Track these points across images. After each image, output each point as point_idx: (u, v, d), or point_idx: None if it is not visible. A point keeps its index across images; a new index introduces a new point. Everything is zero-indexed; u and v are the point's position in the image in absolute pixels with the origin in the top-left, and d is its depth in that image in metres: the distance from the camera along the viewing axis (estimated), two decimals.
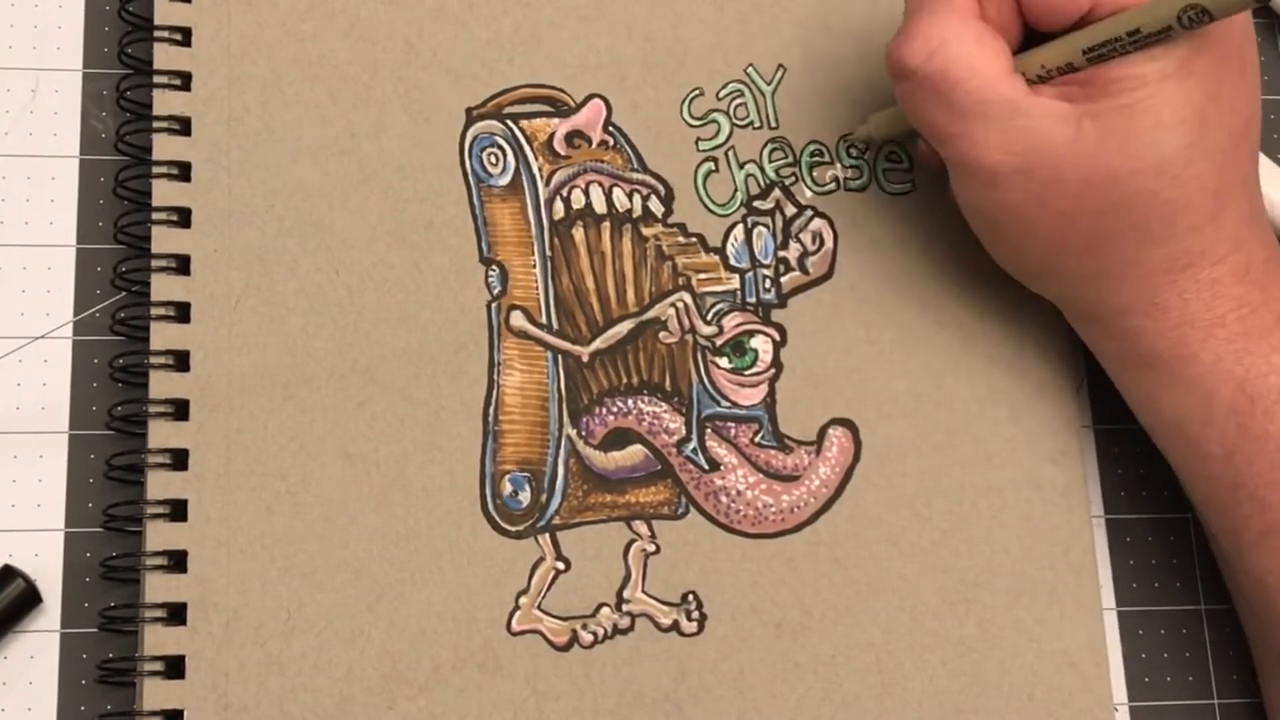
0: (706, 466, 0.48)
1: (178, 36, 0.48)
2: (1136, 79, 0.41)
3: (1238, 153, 0.43)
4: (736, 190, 0.50)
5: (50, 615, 0.45)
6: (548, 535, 0.47)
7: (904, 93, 0.44)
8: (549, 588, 0.46)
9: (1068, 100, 0.42)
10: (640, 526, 0.47)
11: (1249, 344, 0.43)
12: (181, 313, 0.46)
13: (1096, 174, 0.41)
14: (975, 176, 0.43)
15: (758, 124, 0.51)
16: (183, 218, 0.47)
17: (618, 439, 0.48)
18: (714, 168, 0.50)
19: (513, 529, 0.46)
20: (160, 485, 0.45)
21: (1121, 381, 0.46)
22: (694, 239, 0.50)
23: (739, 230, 0.50)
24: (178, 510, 0.45)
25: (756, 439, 0.48)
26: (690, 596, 0.47)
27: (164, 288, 0.46)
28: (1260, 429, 0.43)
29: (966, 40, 0.42)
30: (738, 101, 0.51)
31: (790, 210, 0.50)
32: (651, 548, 0.47)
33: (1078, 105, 0.41)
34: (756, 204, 0.50)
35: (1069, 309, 0.47)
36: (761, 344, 0.49)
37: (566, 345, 0.48)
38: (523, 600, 0.46)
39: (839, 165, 0.51)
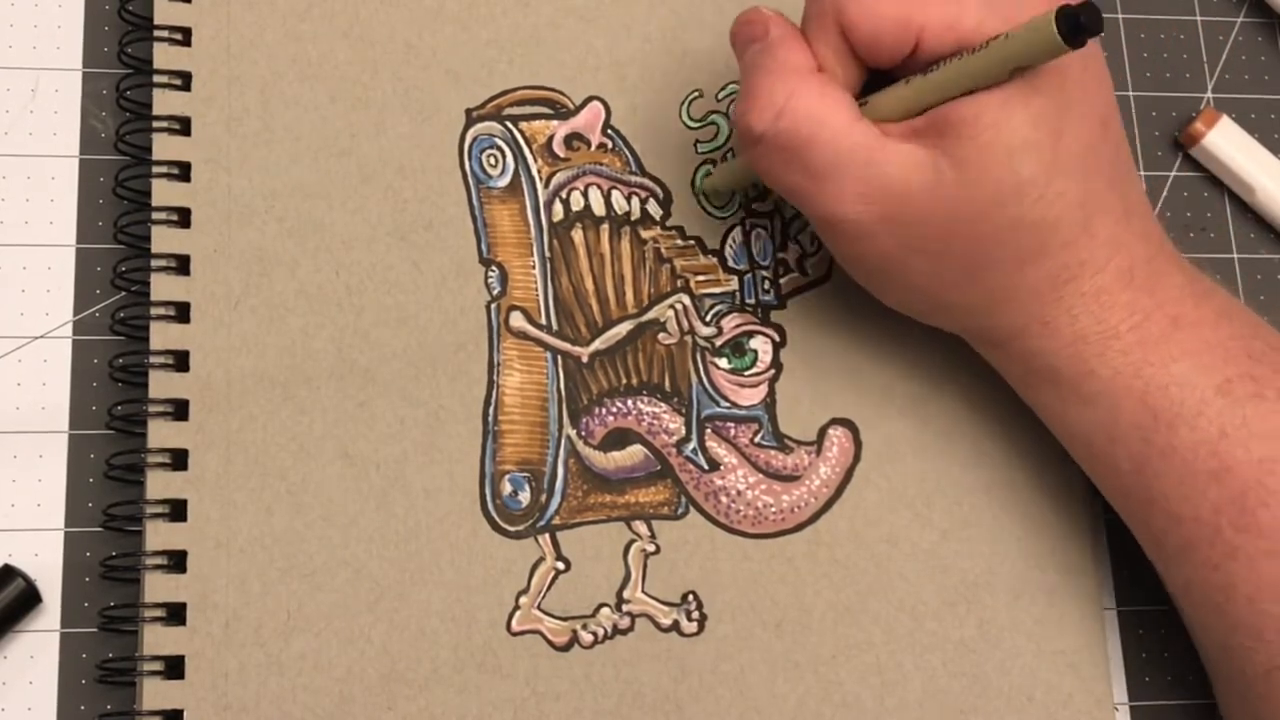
0: (706, 467, 0.48)
1: (178, 36, 0.48)
2: (981, 113, 0.40)
3: (1098, 157, 0.42)
4: (735, 193, 0.50)
5: (50, 615, 0.45)
6: (547, 535, 0.47)
7: (756, 158, 0.43)
8: (549, 588, 0.46)
9: (918, 140, 0.41)
10: (640, 527, 0.47)
11: (1146, 354, 0.42)
12: (181, 313, 0.46)
13: (961, 212, 0.41)
14: (841, 231, 0.43)
15: None
16: (183, 218, 0.47)
17: (617, 439, 0.48)
18: (713, 170, 0.50)
19: (512, 529, 0.46)
20: (160, 485, 0.45)
21: (1030, 401, 0.46)
22: (692, 241, 0.50)
23: (737, 232, 0.50)
24: (177, 510, 0.45)
25: (756, 439, 0.48)
26: (690, 596, 0.47)
27: (164, 288, 0.46)
28: (1165, 443, 0.42)
29: (810, 96, 0.41)
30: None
31: (789, 212, 0.50)
32: (651, 548, 0.47)
33: (930, 148, 0.41)
34: (755, 206, 0.50)
35: (969, 338, 0.46)
36: (761, 345, 0.49)
37: (566, 346, 0.48)
38: (523, 600, 0.46)
39: None
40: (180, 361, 0.46)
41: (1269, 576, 0.42)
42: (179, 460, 0.45)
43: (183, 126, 0.48)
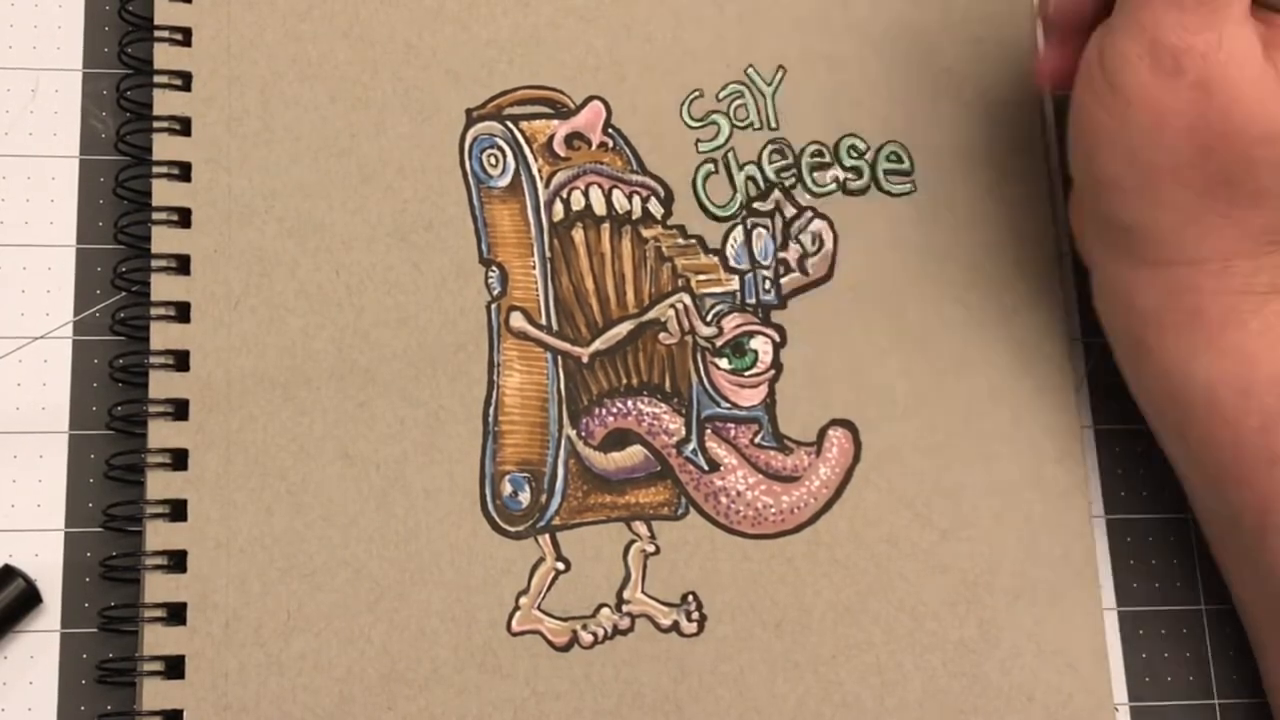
0: (706, 467, 0.48)
1: (178, 36, 0.48)
2: None
3: None
4: (736, 192, 0.50)
5: (50, 615, 0.45)
6: (548, 536, 0.47)
7: None
8: (549, 588, 0.46)
9: (1262, 40, 0.41)
10: (640, 527, 0.47)
11: None
12: (181, 313, 0.46)
13: (1259, 117, 0.41)
14: (1159, 60, 0.41)
15: (757, 125, 0.51)
16: (183, 218, 0.47)
17: (617, 440, 0.48)
18: (714, 169, 0.50)
19: (512, 529, 0.46)
20: (160, 485, 0.45)
21: (1152, 342, 0.45)
22: (693, 240, 0.50)
23: (738, 231, 0.50)
24: (177, 510, 0.45)
25: (756, 440, 0.48)
26: (690, 597, 0.47)
27: (164, 288, 0.46)
28: None
29: None
30: (737, 103, 0.51)
31: (790, 211, 0.50)
32: (651, 548, 0.47)
33: (1270, 47, 0.41)
34: (756, 205, 0.50)
35: (1131, 245, 0.44)
36: (761, 345, 0.49)
37: (566, 346, 0.48)
38: (523, 600, 0.46)
39: (839, 167, 0.51)
40: (180, 361, 0.46)
41: None
42: (179, 460, 0.45)
43: (183, 126, 0.48)
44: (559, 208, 0.49)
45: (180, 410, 0.46)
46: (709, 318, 0.49)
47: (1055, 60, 0.46)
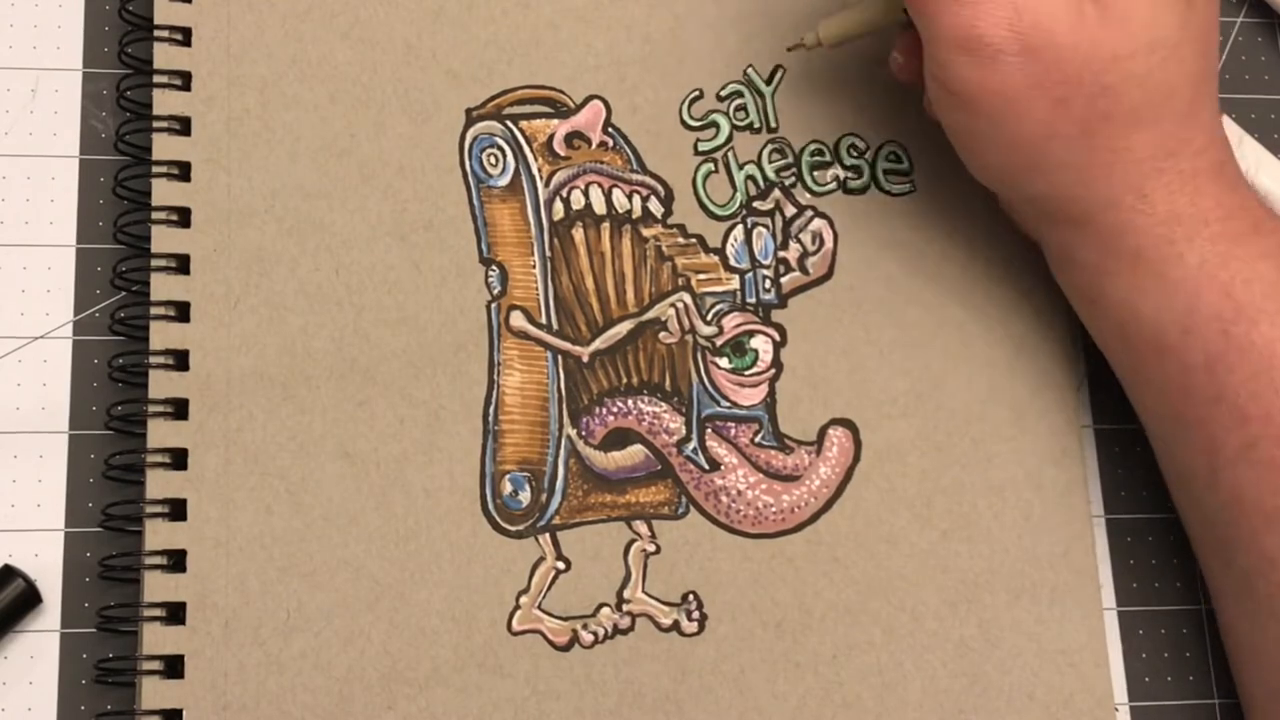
0: (706, 466, 0.48)
1: (178, 36, 0.48)
2: None
3: (1210, 43, 0.44)
4: (736, 191, 0.50)
5: (50, 615, 0.45)
6: (548, 535, 0.47)
7: None
8: (549, 588, 0.46)
9: None
10: (640, 526, 0.47)
11: (1233, 248, 0.43)
12: (181, 312, 0.46)
13: (1096, 56, 0.42)
14: (976, 55, 0.42)
15: (757, 125, 0.51)
16: (182, 217, 0.47)
17: (618, 439, 0.48)
18: (713, 169, 0.50)
19: (513, 529, 0.46)
20: (159, 485, 0.45)
21: (1100, 289, 0.45)
22: (694, 240, 0.50)
23: (739, 231, 0.50)
24: (177, 510, 0.45)
25: (756, 439, 0.48)
26: (690, 596, 0.47)
27: (164, 287, 0.46)
28: (1244, 337, 0.42)
29: None
30: (737, 102, 0.51)
31: (790, 211, 0.50)
32: (651, 548, 0.47)
33: None
34: (756, 205, 0.50)
35: (1048, 210, 0.46)
36: (761, 344, 0.49)
37: (566, 345, 0.48)
38: (523, 600, 0.46)
39: (839, 166, 0.51)
40: (180, 361, 0.46)
41: None
42: (178, 460, 0.45)
43: (183, 126, 0.48)
44: (559, 207, 0.49)
45: (180, 410, 0.46)
46: (709, 317, 0.49)
47: (909, 70, 0.47)
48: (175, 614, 0.44)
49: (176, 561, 0.45)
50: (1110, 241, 0.44)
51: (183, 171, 0.47)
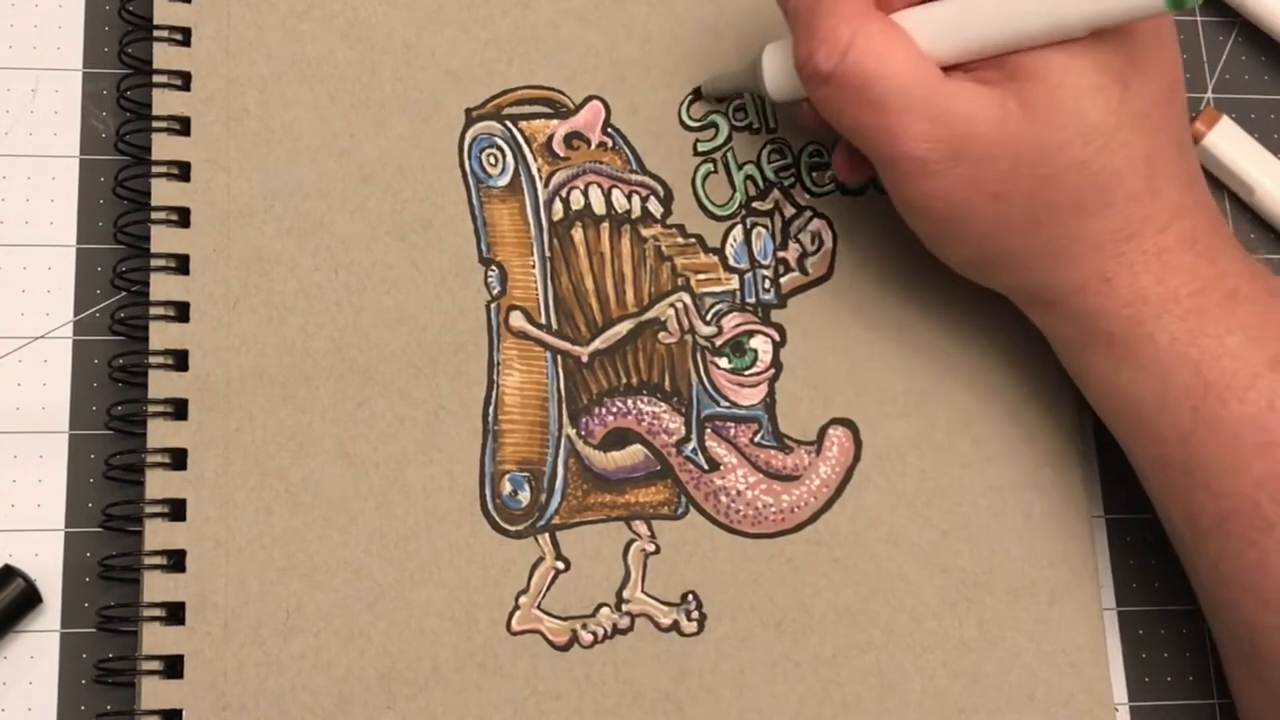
0: (706, 466, 0.48)
1: (178, 36, 0.48)
2: (1049, 57, 0.41)
3: (1165, 117, 0.42)
4: (735, 192, 0.50)
5: (50, 615, 0.45)
6: (547, 535, 0.47)
7: (824, 98, 0.43)
8: (549, 588, 0.46)
9: (985, 83, 0.42)
10: (640, 526, 0.47)
11: (1204, 324, 0.42)
12: (181, 312, 0.46)
13: (1026, 151, 0.41)
14: (906, 170, 0.43)
15: (756, 126, 0.51)
16: (182, 217, 0.47)
17: (617, 439, 0.48)
18: (713, 169, 0.50)
19: (512, 529, 0.46)
20: (159, 485, 0.45)
21: (1078, 367, 0.46)
22: (693, 240, 0.50)
23: (738, 231, 0.50)
24: (176, 510, 0.45)
25: (756, 439, 0.48)
26: (690, 596, 0.47)
27: (163, 287, 0.46)
28: (1213, 414, 0.42)
29: (874, 35, 0.42)
30: (736, 103, 0.51)
31: (789, 211, 0.50)
32: (651, 548, 0.47)
33: (996, 87, 0.41)
34: (755, 205, 0.50)
35: (1022, 297, 0.46)
36: (761, 344, 0.49)
37: (566, 345, 0.48)
38: (522, 600, 0.46)
39: None
40: (180, 361, 0.46)
41: None
42: (178, 460, 0.45)
43: (182, 126, 0.48)
44: (558, 207, 0.49)
45: (179, 410, 0.46)
46: (709, 317, 0.49)
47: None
48: (175, 614, 0.44)
49: (176, 561, 0.45)
50: (1084, 323, 0.44)
51: (182, 171, 0.47)
